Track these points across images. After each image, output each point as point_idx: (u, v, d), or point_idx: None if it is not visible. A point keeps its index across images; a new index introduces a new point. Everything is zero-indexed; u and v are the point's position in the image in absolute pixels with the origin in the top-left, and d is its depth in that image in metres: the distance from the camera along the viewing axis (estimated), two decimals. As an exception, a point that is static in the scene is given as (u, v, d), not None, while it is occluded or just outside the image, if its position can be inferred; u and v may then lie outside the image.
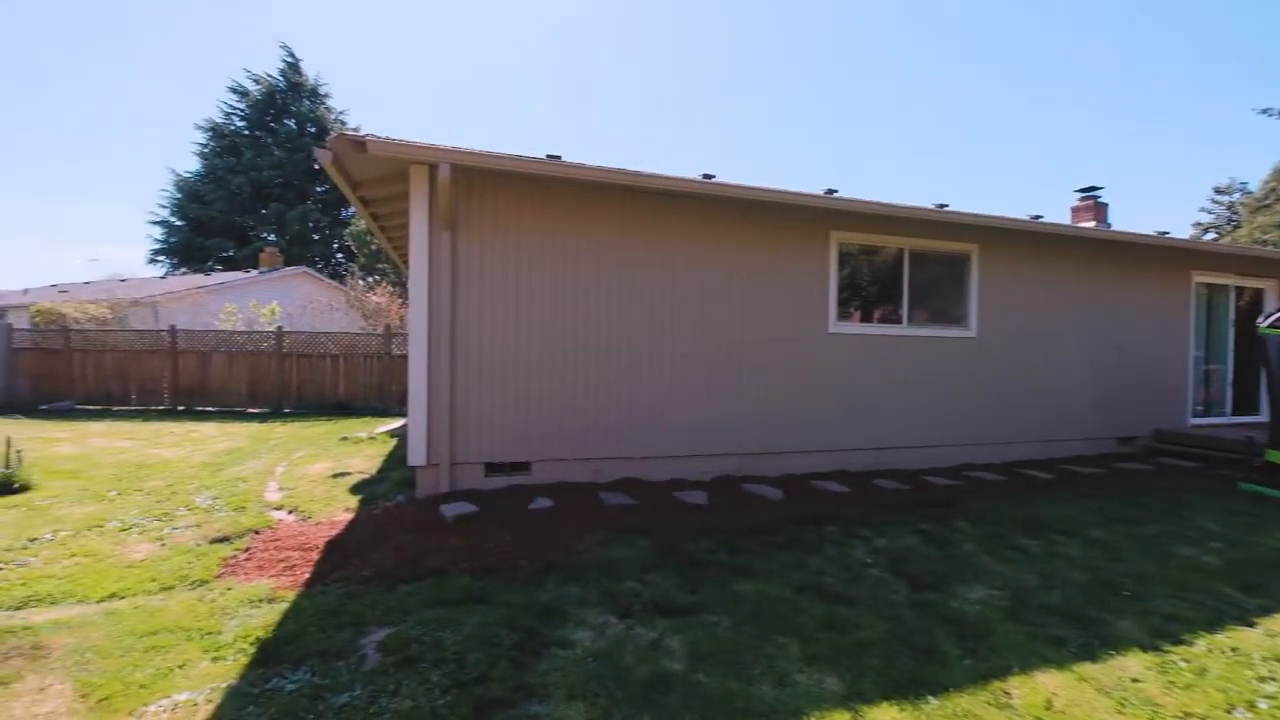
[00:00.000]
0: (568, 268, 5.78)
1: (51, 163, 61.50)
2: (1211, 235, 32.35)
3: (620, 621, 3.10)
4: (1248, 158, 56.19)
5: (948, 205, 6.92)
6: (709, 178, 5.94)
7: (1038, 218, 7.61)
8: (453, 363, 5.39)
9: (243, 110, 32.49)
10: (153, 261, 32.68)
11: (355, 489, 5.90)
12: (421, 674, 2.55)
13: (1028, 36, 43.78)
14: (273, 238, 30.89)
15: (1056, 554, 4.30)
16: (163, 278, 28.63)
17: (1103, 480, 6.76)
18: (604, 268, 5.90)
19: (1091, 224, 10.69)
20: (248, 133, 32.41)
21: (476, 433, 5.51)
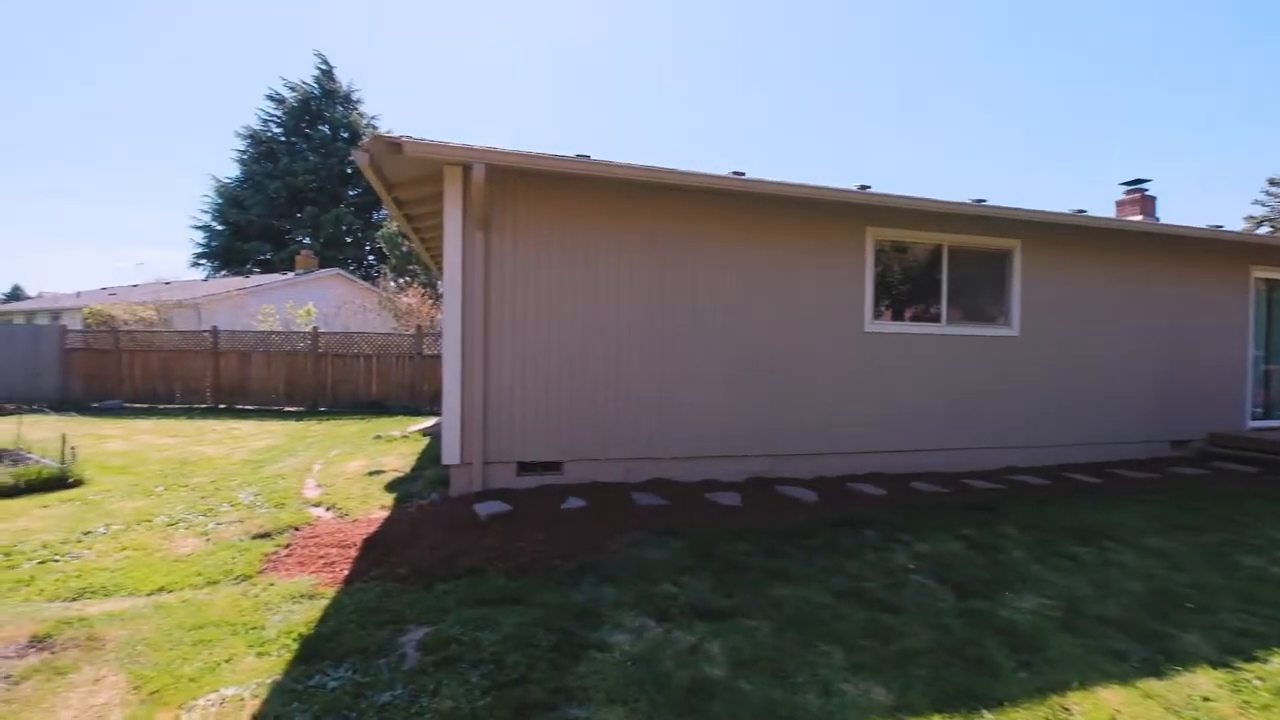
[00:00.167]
0: (599, 267, 5.76)
1: (103, 171, 64.35)
2: (1266, 229, 30.83)
3: (658, 625, 3.05)
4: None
5: (984, 200, 6.70)
6: (739, 174, 5.86)
7: (1081, 212, 7.32)
8: (486, 362, 5.42)
9: (279, 117, 33.44)
10: (195, 265, 33.90)
11: (390, 487, 5.97)
12: (461, 674, 2.54)
13: (1063, 26, 42.36)
14: (307, 241, 31.71)
15: (1110, 562, 4.11)
16: (205, 280, 29.66)
17: (1156, 485, 6.46)
18: (635, 266, 5.86)
19: (1138, 218, 10.27)
20: (284, 139, 33.34)
21: (509, 432, 5.53)
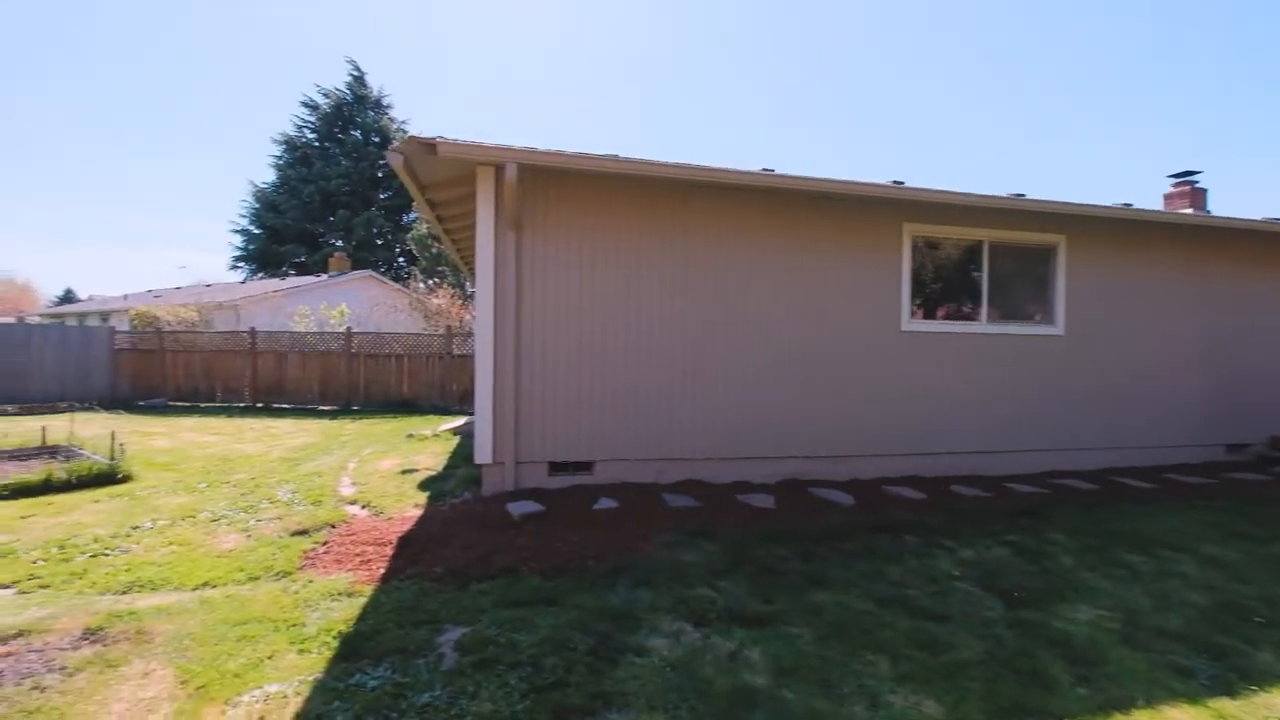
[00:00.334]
0: (629, 266, 5.72)
1: (149, 177, 66.94)
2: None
3: (695, 630, 2.99)
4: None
5: (1023, 195, 6.46)
6: (768, 171, 5.76)
7: (1127, 206, 7.01)
8: (517, 362, 5.42)
9: (313, 123, 34.28)
10: (234, 267, 34.96)
11: (423, 485, 6.03)
12: (499, 676, 2.53)
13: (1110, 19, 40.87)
14: (340, 243, 32.44)
15: (1169, 572, 3.91)
16: (243, 282, 30.57)
17: (1212, 491, 6.15)
18: (665, 266, 5.80)
19: (1188, 211, 9.82)
20: (318, 144, 34.18)
21: (540, 432, 5.53)
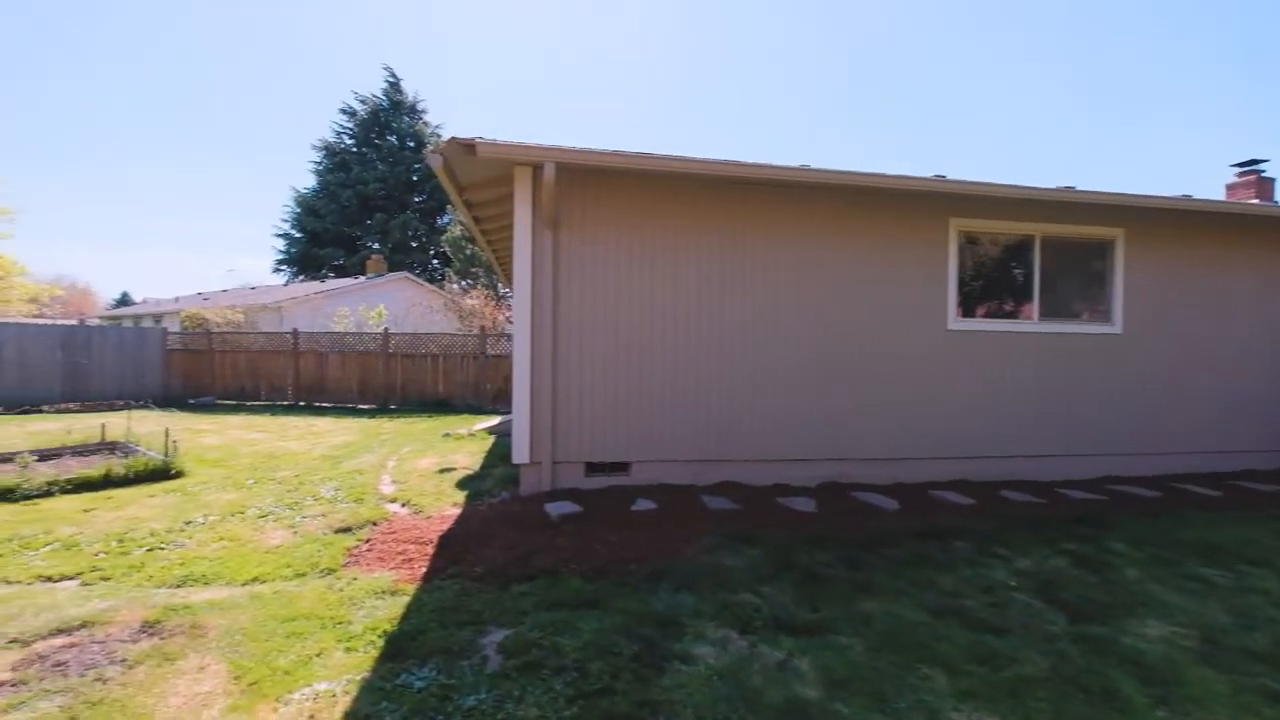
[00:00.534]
0: (666, 265, 5.66)
1: (200, 184, 69.79)
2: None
3: (741, 637, 2.91)
4: None
5: (1073, 187, 6.16)
6: (807, 168, 5.61)
7: (1186, 197, 6.63)
8: (554, 362, 5.42)
9: (351, 129, 35.19)
10: (276, 270, 36.15)
11: (461, 484, 6.08)
12: (544, 681, 2.49)
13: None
14: (376, 246, 33.21)
15: (1248, 587, 3.66)
16: (285, 284, 31.57)
17: (1289, 500, 5.77)
18: (703, 265, 5.72)
19: (1254, 201, 9.26)
20: (355, 150, 35.06)
21: (577, 432, 5.51)
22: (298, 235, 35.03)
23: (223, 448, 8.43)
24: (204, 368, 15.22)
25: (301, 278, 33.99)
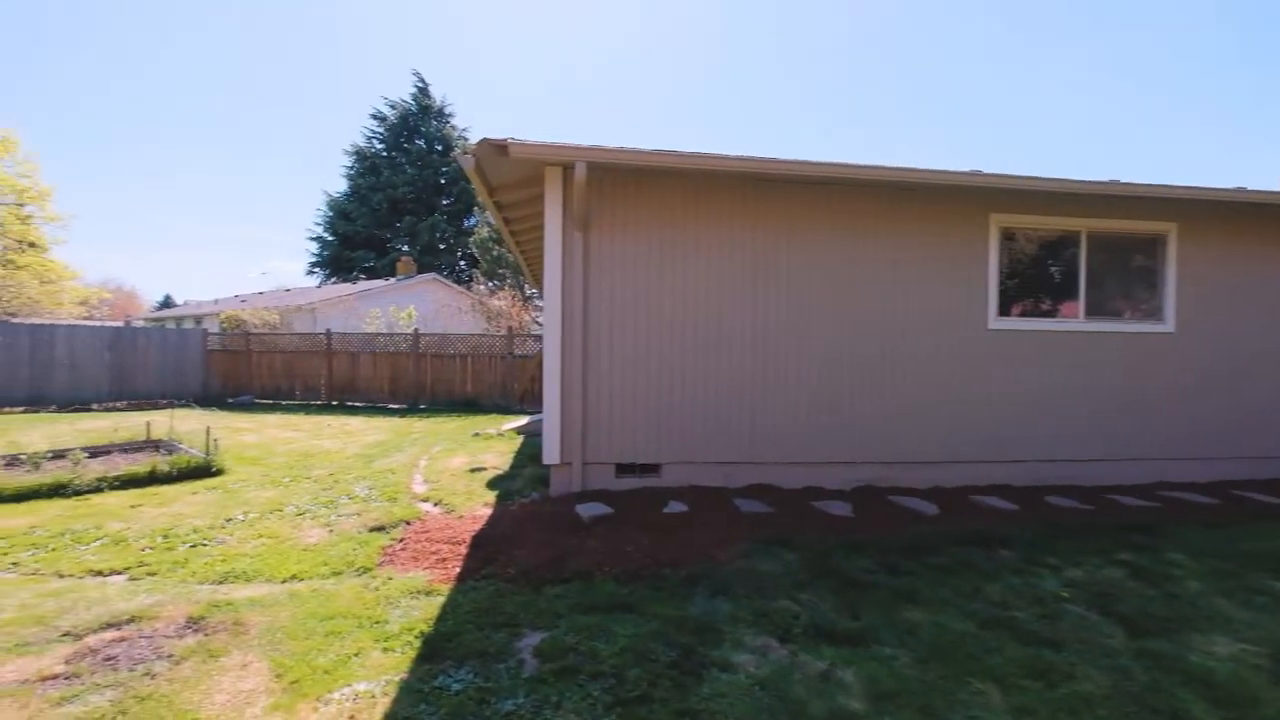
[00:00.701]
0: (698, 265, 5.59)
1: (240, 189, 72.16)
2: None
3: (781, 646, 2.84)
4: None
5: (1118, 180, 5.89)
6: (846, 164, 5.48)
7: (1241, 189, 6.29)
8: (585, 362, 5.39)
9: (381, 134, 35.88)
10: (310, 273, 37.05)
11: (491, 484, 6.10)
12: (581, 686, 2.46)
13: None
14: (406, 248, 33.79)
15: (1324, 603, 3.44)
16: (318, 286, 32.33)
17: (1360, 509, 5.43)
18: (735, 264, 5.64)
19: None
20: (385, 154, 35.74)
21: (608, 433, 5.48)
22: (330, 238, 35.84)
23: (260, 446, 8.63)
24: (242, 367, 15.65)
25: (333, 280, 34.78)
